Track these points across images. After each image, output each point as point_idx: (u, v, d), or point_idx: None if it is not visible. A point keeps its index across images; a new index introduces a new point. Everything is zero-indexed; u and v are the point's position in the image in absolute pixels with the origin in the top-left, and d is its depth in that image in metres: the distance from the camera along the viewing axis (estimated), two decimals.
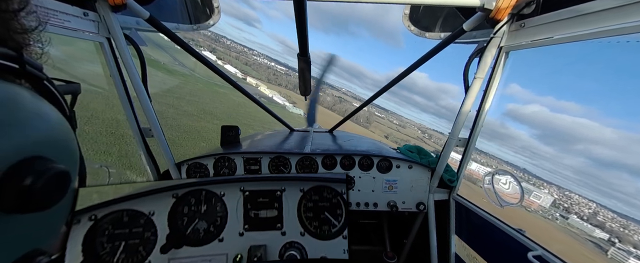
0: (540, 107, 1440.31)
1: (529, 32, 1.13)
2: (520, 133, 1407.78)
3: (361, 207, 1.81)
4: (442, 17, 1.54)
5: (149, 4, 1.26)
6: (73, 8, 1.08)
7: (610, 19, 0.85)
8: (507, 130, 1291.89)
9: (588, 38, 0.93)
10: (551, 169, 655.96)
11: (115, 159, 6.96)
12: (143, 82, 1.45)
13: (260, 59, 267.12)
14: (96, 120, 7.97)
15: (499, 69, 1.30)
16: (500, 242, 1.37)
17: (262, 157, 1.76)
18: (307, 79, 1.37)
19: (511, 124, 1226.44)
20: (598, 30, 0.89)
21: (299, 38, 0.83)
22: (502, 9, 1.06)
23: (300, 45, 0.87)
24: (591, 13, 0.90)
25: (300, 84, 1.47)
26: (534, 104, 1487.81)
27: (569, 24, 0.98)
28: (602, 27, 0.88)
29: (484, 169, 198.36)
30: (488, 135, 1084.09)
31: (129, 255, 1.16)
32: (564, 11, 0.99)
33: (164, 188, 1.27)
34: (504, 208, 1.35)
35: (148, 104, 1.48)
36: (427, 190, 1.78)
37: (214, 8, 1.62)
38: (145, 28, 1.39)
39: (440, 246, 1.76)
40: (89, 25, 1.17)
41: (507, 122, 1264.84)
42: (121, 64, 1.35)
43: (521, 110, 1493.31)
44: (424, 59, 1.47)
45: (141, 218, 1.21)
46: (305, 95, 1.77)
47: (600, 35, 0.89)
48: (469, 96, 1.39)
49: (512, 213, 20.75)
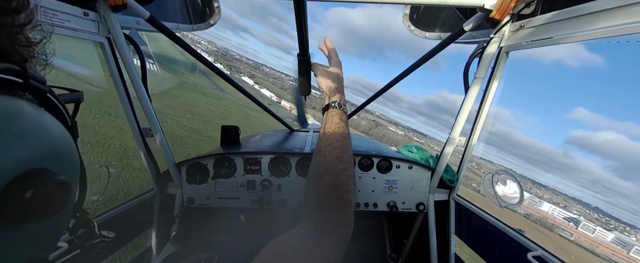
0: (617, 135, 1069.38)
1: (529, 32, 1.13)
2: (590, 165, 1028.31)
3: (361, 207, 1.81)
4: (442, 17, 1.54)
5: (149, 4, 1.26)
6: (73, 8, 1.08)
7: (611, 19, 0.85)
8: (572, 161, 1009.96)
9: (588, 38, 0.93)
10: (631, 209, 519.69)
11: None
12: (143, 82, 1.45)
13: (296, 84, 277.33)
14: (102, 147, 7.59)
15: (499, 69, 1.30)
16: (500, 242, 1.37)
17: (262, 157, 1.76)
18: (308, 78, 1.37)
19: (577, 153, 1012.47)
20: (598, 30, 0.89)
21: (299, 38, 0.83)
22: (502, 9, 1.06)
23: (300, 45, 0.87)
24: (591, 13, 0.90)
25: (301, 84, 1.47)
26: (607, 131, 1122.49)
27: (569, 24, 0.98)
28: (602, 27, 0.88)
29: (560, 211, 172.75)
30: (546, 165, 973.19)
31: None
32: (564, 11, 0.99)
33: None
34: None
35: (148, 104, 1.48)
36: (427, 191, 1.78)
37: (214, 8, 1.63)
38: (145, 28, 1.39)
39: (440, 246, 1.76)
40: (89, 25, 1.17)
41: (571, 151, 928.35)
42: (121, 64, 1.35)
43: (591, 138, 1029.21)
44: (424, 59, 1.47)
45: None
46: (306, 96, 1.77)
47: (600, 35, 0.89)
48: (469, 96, 1.39)
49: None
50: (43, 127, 0.31)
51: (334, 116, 0.82)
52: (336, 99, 0.86)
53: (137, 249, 1.96)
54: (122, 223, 1.49)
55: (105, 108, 9.33)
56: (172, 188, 1.78)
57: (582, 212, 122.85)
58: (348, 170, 0.72)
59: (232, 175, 1.77)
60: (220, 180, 1.76)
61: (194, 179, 1.73)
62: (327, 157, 0.73)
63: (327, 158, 0.72)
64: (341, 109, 0.84)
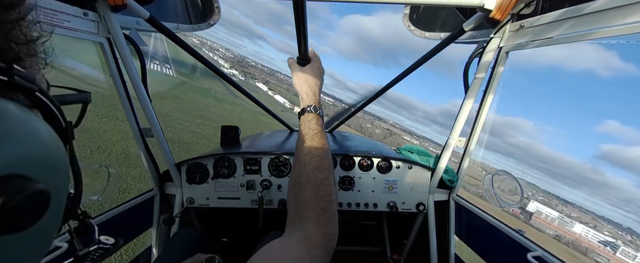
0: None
1: (529, 32, 1.13)
2: (621, 182, 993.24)
3: (361, 208, 1.81)
4: (442, 17, 1.54)
5: (149, 4, 1.26)
6: (73, 8, 1.08)
7: (611, 19, 0.85)
8: (602, 177, 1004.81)
9: (588, 38, 0.93)
10: None
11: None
12: (143, 82, 1.45)
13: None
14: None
15: (499, 69, 1.30)
16: (500, 242, 1.37)
17: (262, 157, 1.76)
18: None
19: (607, 169, 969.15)
20: (598, 30, 0.89)
21: (298, 41, 0.82)
22: (502, 9, 1.06)
23: (299, 48, 0.87)
24: (591, 13, 0.90)
25: None
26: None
27: (569, 24, 0.98)
28: (603, 27, 0.88)
29: (594, 234, 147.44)
30: (572, 180, 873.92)
31: None
32: (564, 11, 0.99)
33: None
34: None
35: (148, 104, 1.48)
36: (427, 191, 1.78)
37: (214, 8, 1.62)
38: (146, 28, 1.39)
39: (440, 247, 1.76)
40: (89, 25, 1.17)
41: (601, 166, 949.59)
42: (121, 64, 1.35)
43: (623, 152, 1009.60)
44: (423, 59, 1.47)
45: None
46: None
47: (600, 35, 0.89)
48: (469, 96, 1.39)
49: None
50: (27, 130, 0.29)
51: (310, 121, 0.80)
52: (312, 103, 0.84)
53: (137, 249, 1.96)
54: (122, 223, 1.49)
55: (112, 111, 9.26)
56: (172, 189, 1.78)
57: (614, 232, 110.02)
58: (329, 179, 0.72)
59: (232, 175, 1.77)
60: (220, 180, 1.76)
61: (194, 179, 1.73)
62: (308, 166, 0.72)
63: (308, 168, 0.71)
64: (317, 113, 0.82)
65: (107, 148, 7.30)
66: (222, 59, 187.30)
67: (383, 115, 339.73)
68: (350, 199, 1.81)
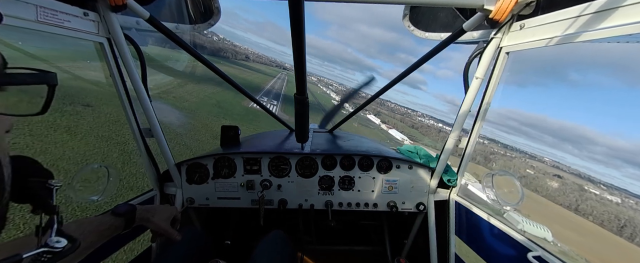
0: None
1: (529, 32, 1.13)
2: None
3: (361, 208, 1.81)
4: (442, 17, 1.54)
5: (149, 4, 1.26)
6: (73, 8, 1.08)
7: (611, 20, 0.85)
8: None
9: (588, 38, 0.93)
10: None
11: None
12: (143, 82, 1.45)
13: (426, 120, 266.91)
14: None
15: (499, 69, 1.30)
16: (500, 242, 1.37)
17: (262, 157, 1.76)
18: (305, 118, 1.39)
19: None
20: (598, 30, 0.89)
21: (296, 77, 0.81)
22: (502, 9, 1.06)
23: (297, 84, 0.86)
24: (591, 13, 0.90)
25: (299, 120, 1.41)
26: None
27: (569, 25, 0.98)
28: (603, 28, 0.88)
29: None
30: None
31: None
32: (564, 11, 0.99)
33: None
34: None
35: (148, 104, 1.48)
36: (427, 191, 1.78)
37: (214, 8, 1.62)
38: (145, 28, 1.39)
39: (440, 246, 1.76)
40: (89, 25, 1.17)
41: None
42: (121, 64, 1.35)
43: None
44: (424, 59, 1.47)
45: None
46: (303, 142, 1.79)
47: (600, 35, 0.89)
48: (469, 96, 1.40)
49: None
50: None
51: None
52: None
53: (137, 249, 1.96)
54: None
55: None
56: (172, 189, 1.78)
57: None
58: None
59: (232, 175, 1.77)
60: (220, 180, 1.76)
61: (194, 179, 1.73)
62: None
63: None
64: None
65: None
66: (334, 92, 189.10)
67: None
68: (350, 199, 1.81)
